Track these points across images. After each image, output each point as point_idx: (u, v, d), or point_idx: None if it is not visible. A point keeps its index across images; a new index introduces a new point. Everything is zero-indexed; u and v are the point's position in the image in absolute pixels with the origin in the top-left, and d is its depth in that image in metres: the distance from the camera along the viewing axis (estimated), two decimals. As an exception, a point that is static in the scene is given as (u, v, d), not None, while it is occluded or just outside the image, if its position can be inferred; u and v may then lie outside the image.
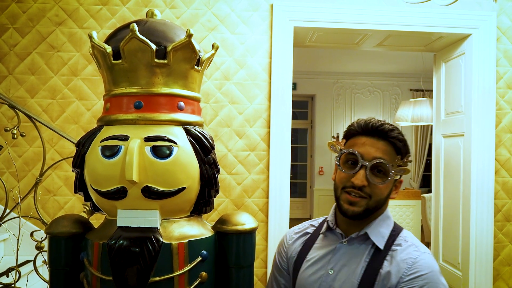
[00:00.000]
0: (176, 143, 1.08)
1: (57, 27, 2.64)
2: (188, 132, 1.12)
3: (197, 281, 1.09)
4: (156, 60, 1.09)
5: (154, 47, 1.08)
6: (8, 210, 1.99)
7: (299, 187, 8.51)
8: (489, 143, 2.84)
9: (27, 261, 2.20)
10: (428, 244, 5.63)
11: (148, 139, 1.07)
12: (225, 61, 2.71)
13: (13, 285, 1.78)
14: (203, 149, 1.13)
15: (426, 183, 8.00)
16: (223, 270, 1.17)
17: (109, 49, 1.11)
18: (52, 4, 2.64)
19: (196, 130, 1.13)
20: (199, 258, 1.10)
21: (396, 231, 1.24)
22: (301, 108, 8.30)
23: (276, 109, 2.71)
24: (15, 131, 1.86)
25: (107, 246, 1.05)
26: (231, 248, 1.16)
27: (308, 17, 2.74)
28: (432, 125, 3.63)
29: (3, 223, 1.96)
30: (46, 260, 1.35)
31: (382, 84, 7.90)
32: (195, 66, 1.17)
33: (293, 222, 1.82)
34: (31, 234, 1.77)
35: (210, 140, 1.15)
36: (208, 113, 2.69)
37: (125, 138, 1.07)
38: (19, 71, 2.62)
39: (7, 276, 1.83)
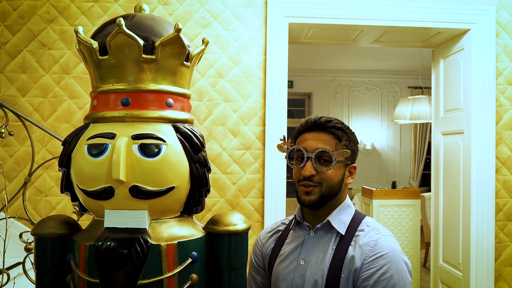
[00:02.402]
0: (164, 141, 1.05)
1: (48, 25, 2.60)
2: (177, 129, 1.10)
3: (188, 284, 1.06)
4: (143, 55, 1.07)
5: (141, 42, 1.06)
6: (-3, 211, 1.96)
7: (297, 186, 8.46)
8: (489, 141, 2.80)
9: (18, 263, 2.16)
10: (428, 244, 5.59)
11: (135, 137, 1.04)
12: (219, 59, 2.67)
13: (1, 288, 1.75)
14: (193, 147, 1.10)
15: (425, 182, 7.95)
16: (214, 272, 1.14)
17: (95, 44, 1.08)
18: (43, 1, 2.60)
19: (186, 128, 1.11)
20: (190, 260, 1.07)
21: (358, 218, 1.35)
22: (298, 106, 8.27)
23: (271, 107, 2.67)
24: (3, 130, 1.83)
25: (94, 248, 1.02)
26: (223, 249, 1.13)
27: (303, 13, 2.70)
28: (431, 123, 3.59)
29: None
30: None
31: (380, 81, 7.88)
32: (184, 62, 1.14)
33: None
34: (20, 235, 1.73)
35: (200, 138, 1.12)
36: (202, 111, 2.66)
37: (112, 136, 1.04)
38: (10, 70, 2.58)
39: (-4, 279, 1.79)
